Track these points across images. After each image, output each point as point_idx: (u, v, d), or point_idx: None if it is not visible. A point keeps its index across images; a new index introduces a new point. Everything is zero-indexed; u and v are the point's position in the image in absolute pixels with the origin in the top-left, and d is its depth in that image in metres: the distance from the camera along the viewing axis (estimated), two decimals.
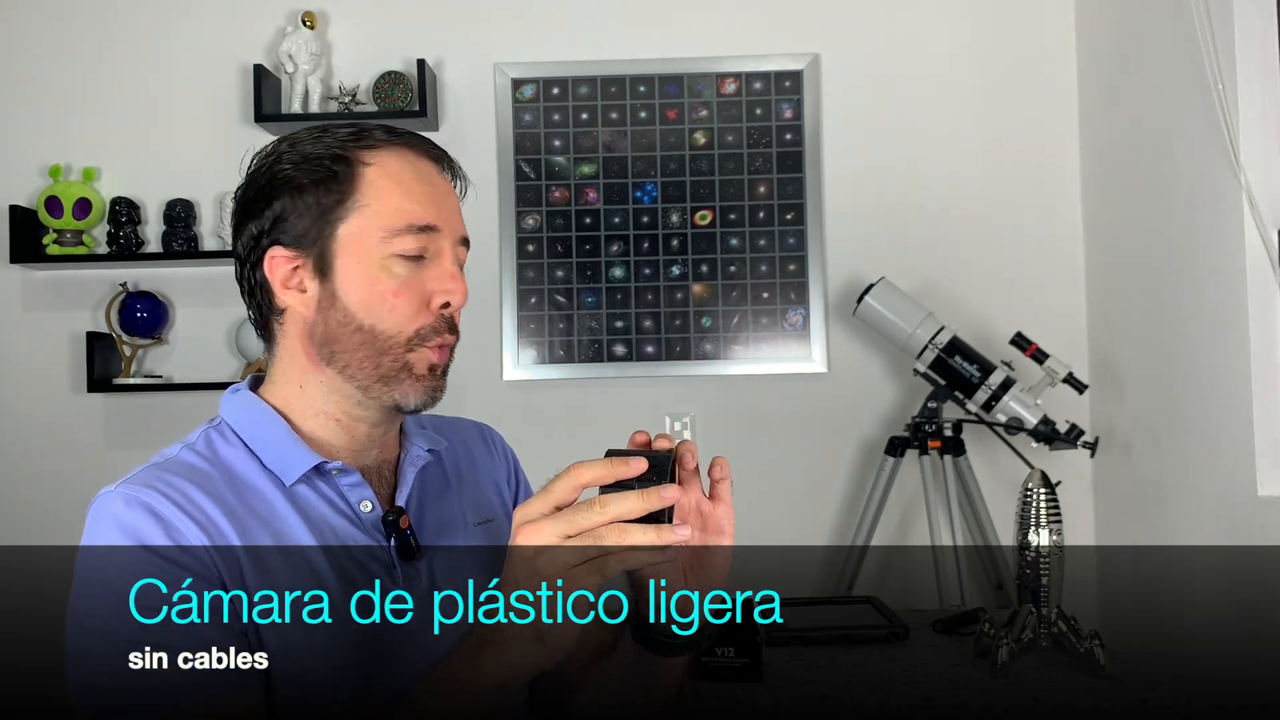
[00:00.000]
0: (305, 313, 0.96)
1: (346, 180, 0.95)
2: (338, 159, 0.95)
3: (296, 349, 0.98)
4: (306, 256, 0.95)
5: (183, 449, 0.95)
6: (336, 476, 0.97)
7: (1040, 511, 1.51)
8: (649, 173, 2.83)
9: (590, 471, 0.80)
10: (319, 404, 0.98)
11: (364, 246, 0.94)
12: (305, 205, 0.95)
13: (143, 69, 2.85)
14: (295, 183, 0.95)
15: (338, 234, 0.95)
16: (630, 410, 2.82)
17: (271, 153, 0.98)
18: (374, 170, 0.95)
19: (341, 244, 0.95)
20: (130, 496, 0.88)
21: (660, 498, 0.79)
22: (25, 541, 2.76)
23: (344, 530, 0.95)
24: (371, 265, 0.94)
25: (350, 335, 0.95)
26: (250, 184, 0.98)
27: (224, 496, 0.91)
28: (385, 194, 0.95)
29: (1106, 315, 2.73)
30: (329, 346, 0.96)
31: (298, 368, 0.98)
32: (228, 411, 0.99)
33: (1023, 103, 2.85)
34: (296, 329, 0.97)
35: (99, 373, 2.74)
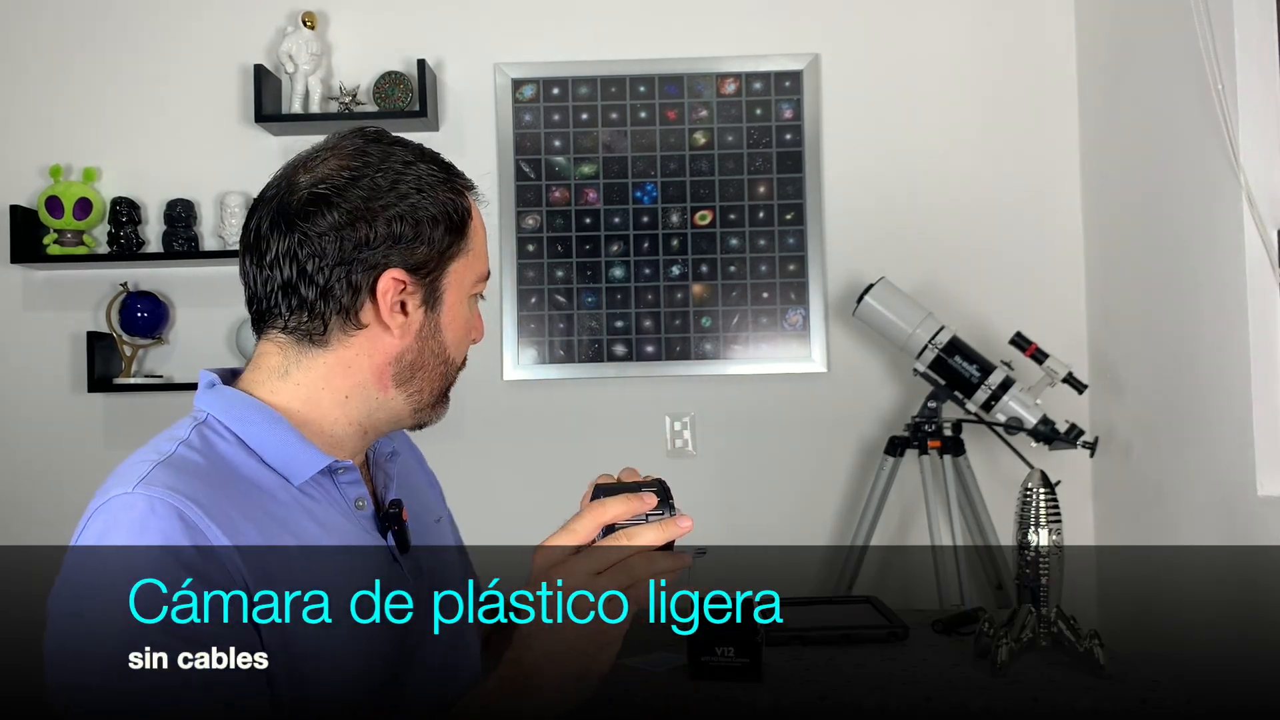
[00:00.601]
0: (399, 336, 0.96)
1: (465, 225, 0.99)
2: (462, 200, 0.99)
3: (362, 365, 0.96)
4: (420, 285, 0.97)
5: (180, 446, 0.90)
6: (340, 475, 0.97)
7: (1040, 511, 1.51)
8: (649, 173, 2.83)
9: (612, 509, 0.85)
10: (359, 415, 0.98)
11: (463, 286, 1.00)
12: (435, 239, 0.96)
13: (143, 69, 2.85)
14: (433, 215, 0.96)
15: (449, 270, 0.98)
16: (630, 410, 2.82)
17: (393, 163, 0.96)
18: (474, 217, 1.01)
19: (449, 281, 0.98)
20: (156, 500, 0.83)
21: (678, 528, 0.85)
22: (25, 541, 2.76)
23: (349, 528, 0.95)
24: (465, 305, 1.01)
25: (437, 365, 1.00)
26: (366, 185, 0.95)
27: (238, 498, 0.88)
28: (480, 241, 1.01)
29: (1106, 315, 2.73)
30: (413, 371, 0.99)
31: (354, 381, 0.97)
32: (214, 407, 0.95)
33: (1023, 103, 2.85)
34: (375, 347, 0.96)
35: (99, 373, 2.74)
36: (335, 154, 0.96)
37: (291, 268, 0.94)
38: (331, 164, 0.95)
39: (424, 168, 0.97)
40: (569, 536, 0.83)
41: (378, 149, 0.96)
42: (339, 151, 0.96)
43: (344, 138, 0.98)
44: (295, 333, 0.96)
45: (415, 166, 0.97)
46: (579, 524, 0.84)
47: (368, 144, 0.97)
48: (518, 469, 2.81)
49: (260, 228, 0.95)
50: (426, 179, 0.97)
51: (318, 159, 0.96)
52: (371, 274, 0.94)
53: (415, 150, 0.99)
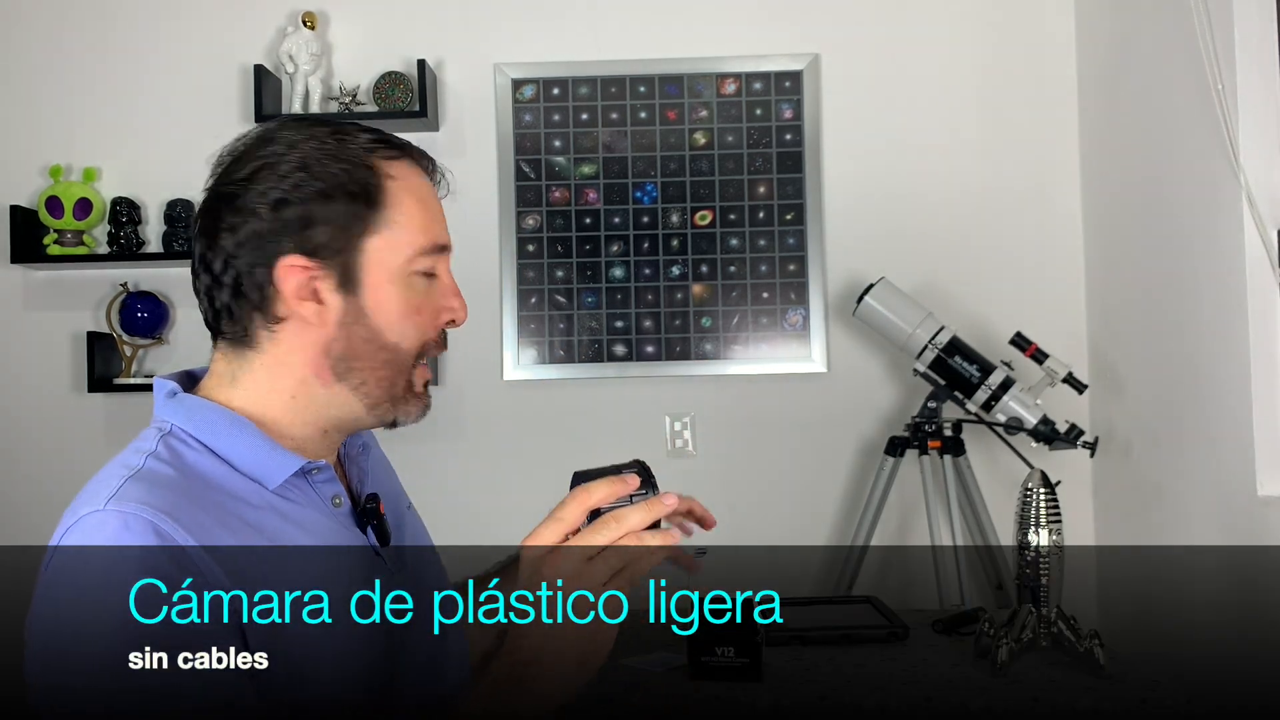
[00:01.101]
0: (321, 327, 0.92)
1: (373, 193, 0.92)
2: (366, 169, 0.92)
3: (296, 361, 0.93)
4: (328, 268, 0.92)
5: (148, 459, 0.88)
6: (314, 475, 0.94)
7: (1040, 511, 1.51)
8: (649, 173, 2.83)
9: (597, 494, 0.84)
10: (310, 415, 0.95)
11: (392, 263, 0.93)
12: (331, 215, 0.91)
13: (143, 69, 2.85)
14: (321, 190, 0.91)
15: (364, 248, 0.92)
16: (630, 410, 2.82)
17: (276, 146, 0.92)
18: (398, 185, 0.94)
19: (369, 259, 0.92)
20: (129, 515, 0.81)
21: (664, 505, 0.85)
22: (25, 541, 2.76)
23: (329, 528, 0.93)
24: (399, 283, 0.94)
25: (375, 353, 0.93)
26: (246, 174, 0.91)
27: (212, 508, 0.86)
28: (410, 211, 0.94)
29: (1106, 315, 2.73)
30: (348, 363, 0.93)
31: (295, 379, 0.93)
32: (176, 417, 0.93)
33: (1023, 103, 2.85)
34: (303, 341, 0.93)
35: (99, 373, 2.74)
36: (232, 154, 0.94)
37: (206, 274, 0.93)
38: (229, 164, 0.93)
39: (312, 144, 0.92)
40: (556, 525, 0.83)
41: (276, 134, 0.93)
42: (236, 149, 0.94)
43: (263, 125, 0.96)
44: (229, 339, 0.94)
45: (303, 145, 0.92)
46: (565, 511, 0.84)
47: (265, 133, 0.94)
48: (518, 469, 2.81)
49: (192, 237, 0.95)
50: (312, 154, 0.91)
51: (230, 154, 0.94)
52: (269, 265, 0.91)
53: (312, 127, 0.94)
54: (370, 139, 0.94)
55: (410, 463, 1.18)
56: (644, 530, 0.83)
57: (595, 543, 0.82)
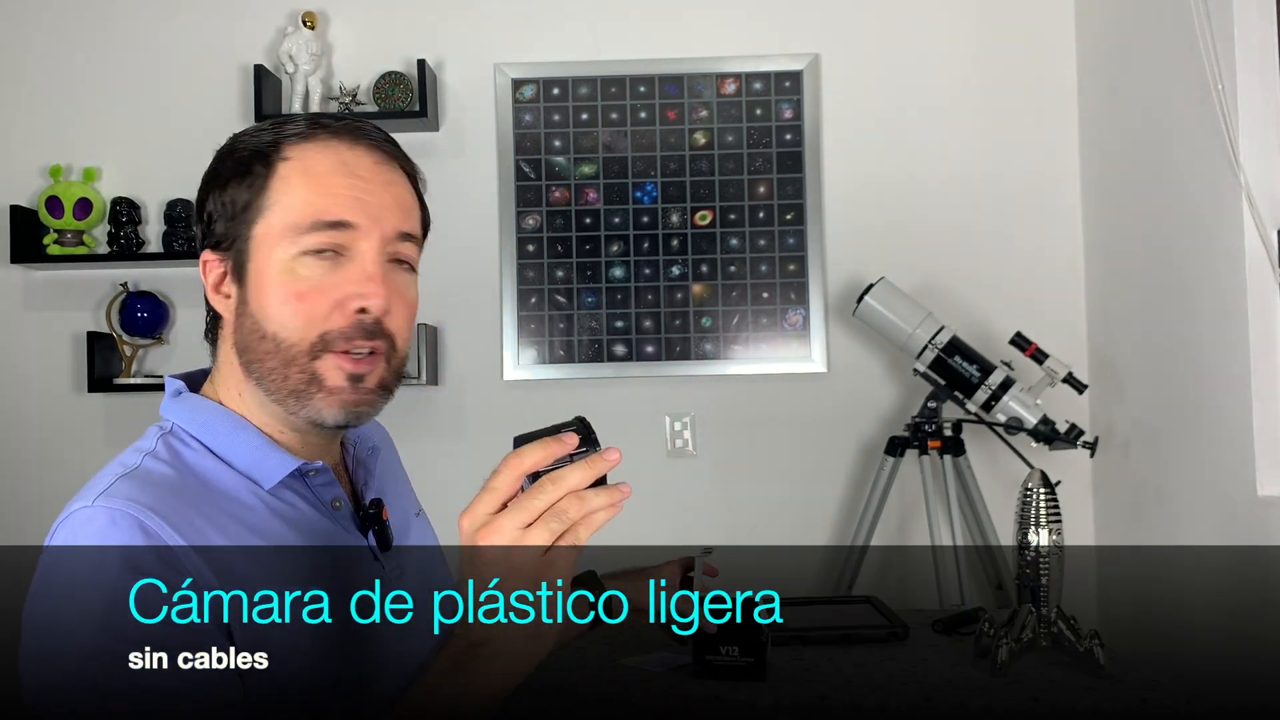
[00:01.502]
0: (229, 318, 0.93)
1: (260, 177, 0.90)
2: (257, 155, 0.91)
3: (231, 358, 0.93)
4: (226, 260, 0.92)
5: (146, 458, 0.88)
6: (312, 477, 0.94)
7: (1040, 511, 1.51)
8: (649, 173, 2.83)
9: (530, 457, 0.78)
10: (256, 413, 0.94)
11: (271, 247, 0.89)
12: (225, 205, 0.91)
13: (143, 69, 2.86)
14: (219, 180, 0.92)
15: (252, 235, 0.90)
16: (630, 410, 2.82)
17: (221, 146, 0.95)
18: (290, 165, 0.90)
19: (255, 246, 0.90)
20: (116, 512, 0.81)
21: (606, 461, 0.79)
22: (25, 541, 2.76)
23: (326, 530, 0.93)
24: (278, 267, 0.89)
25: (259, 344, 0.90)
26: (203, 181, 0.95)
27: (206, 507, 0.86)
28: (294, 189, 0.89)
29: (1106, 315, 2.73)
30: (245, 355, 0.91)
31: (235, 376, 0.94)
32: (178, 416, 0.93)
33: (1023, 103, 2.85)
34: (225, 335, 0.94)
35: (99, 373, 2.74)
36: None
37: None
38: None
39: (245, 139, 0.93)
40: (490, 496, 0.77)
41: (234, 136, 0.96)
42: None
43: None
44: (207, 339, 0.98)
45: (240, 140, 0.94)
46: (497, 480, 0.78)
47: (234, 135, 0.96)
48: None
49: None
50: (229, 149, 0.93)
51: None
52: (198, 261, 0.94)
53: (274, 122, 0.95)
54: (298, 123, 0.93)
55: (410, 463, 1.18)
56: (586, 490, 0.77)
57: (533, 508, 0.76)
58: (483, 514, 0.77)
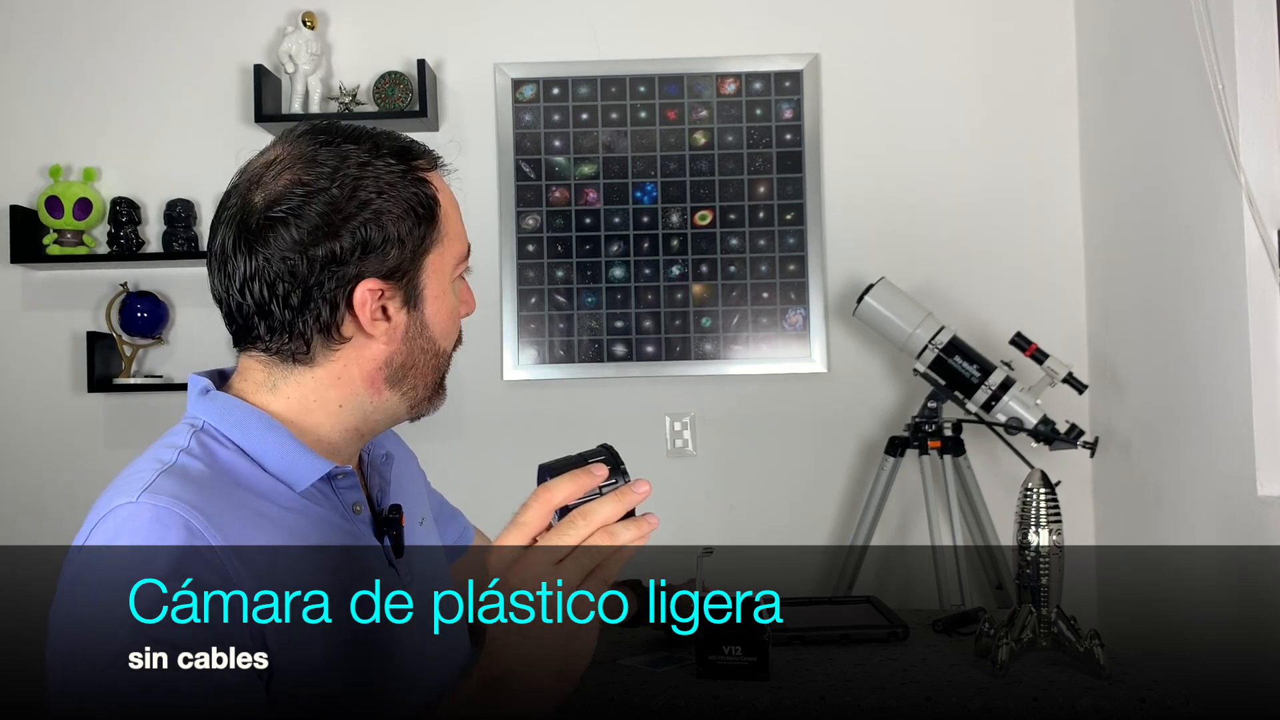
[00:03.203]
0: (388, 343, 0.94)
1: (434, 211, 0.94)
2: (424, 184, 0.94)
3: (353, 374, 0.94)
4: (397, 289, 0.93)
5: (181, 454, 0.88)
6: (339, 480, 0.95)
7: (1040, 511, 1.51)
8: (649, 173, 2.83)
9: (561, 492, 0.79)
10: (353, 421, 0.95)
11: (443, 275, 0.96)
12: (403, 238, 0.92)
13: (143, 69, 2.85)
14: (397, 216, 0.92)
15: (425, 265, 0.94)
16: (630, 410, 2.82)
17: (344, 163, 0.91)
18: (442, 198, 0.96)
19: (428, 274, 0.95)
20: (161, 509, 0.81)
21: (636, 495, 0.79)
22: (25, 541, 2.76)
23: (347, 533, 0.94)
24: (448, 293, 0.97)
25: (429, 360, 0.97)
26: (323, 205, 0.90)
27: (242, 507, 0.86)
28: (452, 223, 0.97)
29: (1106, 315, 2.73)
30: (405, 371, 0.96)
31: (347, 392, 0.94)
32: (209, 414, 0.93)
33: (1023, 103, 2.85)
34: (363, 355, 0.93)
35: (99, 373, 2.74)
36: (288, 166, 0.91)
37: (262, 291, 0.91)
38: (285, 179, 0.90)
39: (381, 165, 0.92)
40: (519, 531, 0.78)
41: (331, 152, 0.91)
42: (291, 162, 0.91)
43: (294, 142, 0.93)
44: (279, 353, 0.93)
45: (372, 166, 0.91)
46: (527, 515, 0.78)
47: (319, 148, 0.92)
48: (518, 469, 2.78)
49: (225, 247, 0.92)
50: (386, 178, 0.92)
51: (271, 172, 0.91)
52: (346, 288, 0.91)
53: (370, 144, 0.93)
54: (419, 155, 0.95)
55: None
56: (615, 524, 0.78)
57: (564, 543, 0.76)
58: (513, 550, 0.78)
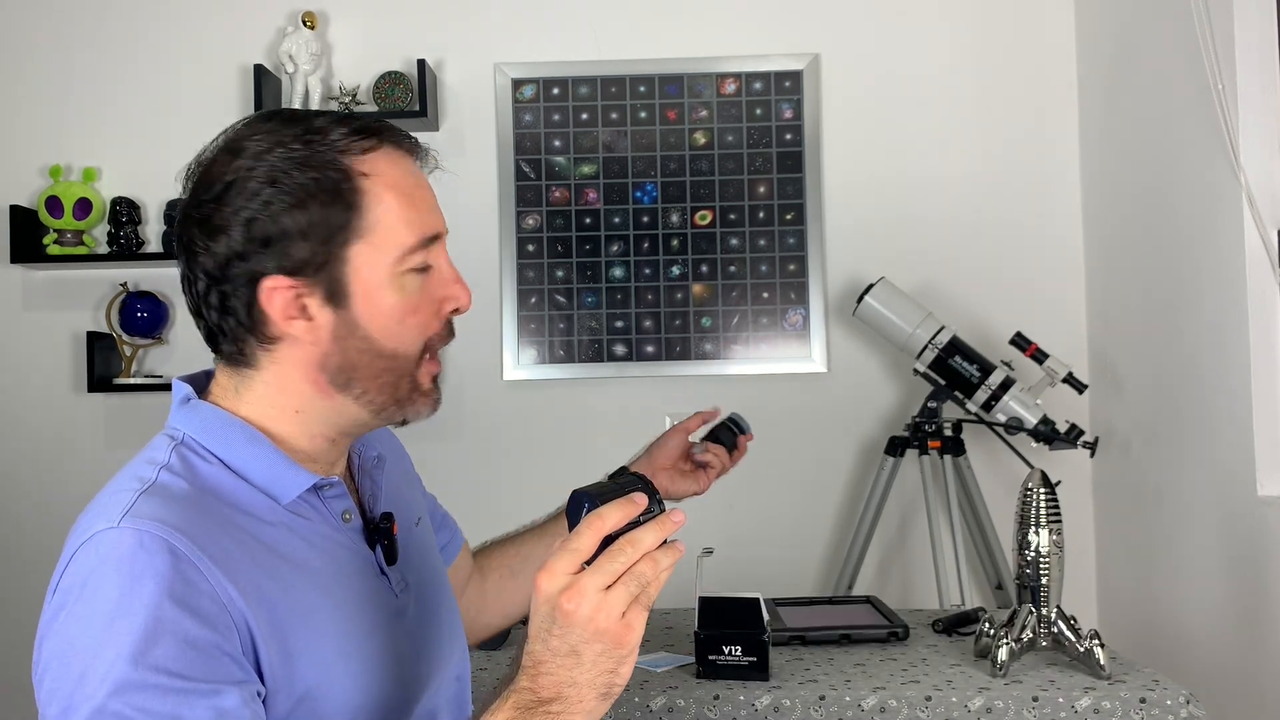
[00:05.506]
0: (314, 343, 0.88)
1: (351, 197, 0.87)
2: (338, 172, 0.86)
3: (295, 377, 0.89)
4: (313, 284, 0.87)
5: (161, 471, 0.85)
6: (325, 490, 0.92)
7: (1040, 511, 1.51)
8: (649, 173, 2.83)
9: (611, 519, 0.81)
10: (317, 427, 0.92)
11: (379, 269, 0.88)
12: (307, 228, 0.86)
13: (143, 69, 2.86)
14: (292, 203, 0.85)
15: (348, 257, 0.87)
16: (630, 410, 2.82)
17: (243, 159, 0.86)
18: (374, 182, 0.88)
19: (354, 269, 0.87)
20: (144, 534, 0.78)
21: (674, 523, 0.83)
22: (25, 541, 2.75)
23: (338, 544, 0.92)
24: (389, 288, 0.88)
25: (372, 362, 0.89)
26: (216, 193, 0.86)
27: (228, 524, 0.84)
28: (392, 210, 0.88)
29: (1106, 315, 2.73)
30: (346, 374, 0.89)
31: (296, 395, 0.90)
32: (189, 426, 0.90)
33: (1023, 103, 2.85)
34: (298, 357, 0.89)
35: (99, 373, 2.74)
36: (209, 161, 0.88)
37: (191, 294, 0.89)
38: (199, 175, 0.88)
39: (279, 153, 0.86)
40: (572, 556, 0.80)
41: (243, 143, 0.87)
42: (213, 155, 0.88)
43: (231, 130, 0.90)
44: (228, 358, 0.91)
45: (271, 153, 0.86)
46: (580, 541, 0.80)
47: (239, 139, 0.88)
48: (518, 469, 2.81)
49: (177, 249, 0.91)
50: (280, 165, 0.85)
51: (199, 167, 0.89)
52: (251, 288, 0.86)
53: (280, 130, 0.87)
54: (344, 133, 0.88)
55: None
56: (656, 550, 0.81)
57: (613, 570, 0.79)
58: (563, 574, 0.79)
